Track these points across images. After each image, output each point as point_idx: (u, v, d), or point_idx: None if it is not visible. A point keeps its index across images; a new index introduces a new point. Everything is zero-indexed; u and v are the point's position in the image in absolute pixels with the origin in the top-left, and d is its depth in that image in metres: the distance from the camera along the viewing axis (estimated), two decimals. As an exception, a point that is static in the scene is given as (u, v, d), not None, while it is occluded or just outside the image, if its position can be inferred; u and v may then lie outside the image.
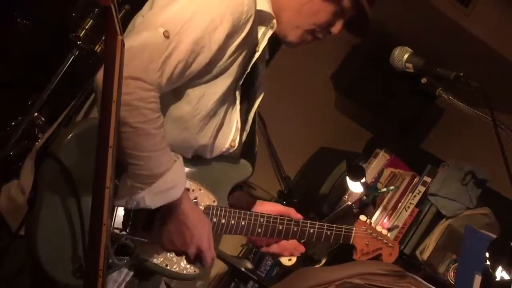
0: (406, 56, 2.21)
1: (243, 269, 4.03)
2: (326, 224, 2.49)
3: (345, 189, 4.38)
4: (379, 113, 4.79)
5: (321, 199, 4.60)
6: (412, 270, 4.12)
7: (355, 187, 4.05)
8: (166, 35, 1.96)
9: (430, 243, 4.10)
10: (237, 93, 2.26)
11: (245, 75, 2.23)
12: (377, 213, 4.27)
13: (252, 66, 2.24)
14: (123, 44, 1.46)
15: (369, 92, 4.67)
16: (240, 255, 4.40)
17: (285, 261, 2.74)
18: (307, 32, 2.27)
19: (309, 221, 2.47)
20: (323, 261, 3.77)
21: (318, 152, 5.10)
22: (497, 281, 1.90)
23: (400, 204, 4.26)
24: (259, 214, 2.38)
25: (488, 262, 1.95)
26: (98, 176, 1.47)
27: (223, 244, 2.95)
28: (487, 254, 1.98)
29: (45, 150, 2.06)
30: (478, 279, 2.25)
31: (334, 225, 2.50)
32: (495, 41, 3.95)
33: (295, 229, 2.43)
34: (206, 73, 2.12)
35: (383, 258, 2.55)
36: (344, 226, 2.52)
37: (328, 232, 2.48)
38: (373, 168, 4.46)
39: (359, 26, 2.31)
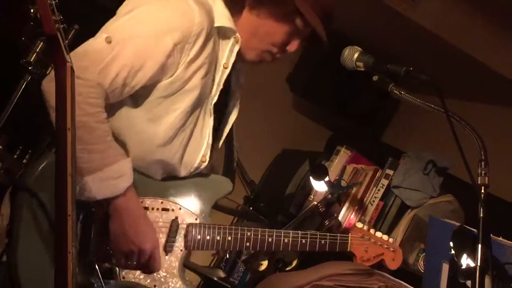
0: (356, 55, 2.23)
1: (215, 279, 4.03)
2: (318, 233, 2.47)
3: (310, 189, 4.41)
4: (337, 111, 4.83)
5: (287, 201, 4.61)
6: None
7: (319, 186, 4.07)
8: (108, 41, 2.02)
9: (398, 234, 4.15)
10: (210, 109, 2.29)
11: (214, 91, 2.26)
12: (343, 210, 4.30)
13: (224, 83, 2.27)
14: (72, 71, 1.47)
15: (325, 91, 4.70)
16: (212, 264, 4.39)
17: (257, 265, 2.74)
18: (264, 52, 2.32)
19: (300, 232, 2.45)
20: (294, 263, 3.78)
21: (280, 154, 5.12)
22: (463, 268, 1.93)
23: (365, 199, 4.30)
24: (246, 228, 2.38)
25: (452, 251, 1.98)
26: (59, 206, 1.47)
27: (194, 255, 2.95)
28: (451, 243, 2.01)
29: (19, 183, 2.09)
30: (445, 267, 2.27)
31: (328, 233, 2.48)
32: (443, 31, 4.01)
33: (286, 240, 2.41)
34: (163, 88, 2.15)
35: (387, 264, 2.50)
36: (338, 234, 2.51)
37: (322, 241, 2.47)
38: (335, 165, 4.49)
39: (314, 39, 2.35)
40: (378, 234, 2.58)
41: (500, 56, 4.06)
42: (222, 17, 2.24)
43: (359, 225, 2.57)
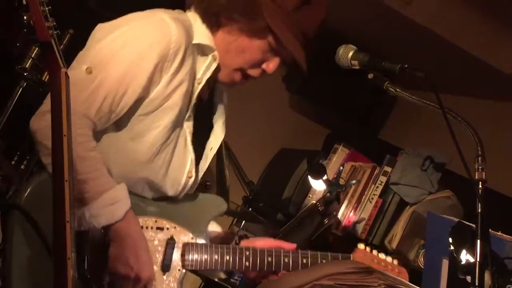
0: (350, 54, 2.22)
1: (216, 280, 4.03)
2: (319, 252, 2.42)
3: (308, 188, 4.41)
4: (334, 109, 4.83)
5: (286, 200, 4.62)
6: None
7: (318, 185, 4.07)
8: (89, 71, 2.01)
9: (398, 231, 4.15)
10: (186, 125, 2.27)
11: (191, 107, 2.24)
12: (343, 208, 4.31)
13: (199, 97, 2.26)
14: (67, 77, 1.47)
15: (321, 90, 4.70)
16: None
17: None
18: (235, 71, 2.28)
19: (300, 251, 2.41)
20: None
21: (278, 154, 5.12)
22: (463, 264, 1.93)
23: (364, 197, 4.31)
24: (244, 247, 2.35)
25: (451, 247, 1.98)
26: (57, 213, 1.47)
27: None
28: (450, 239, 2.01)
29: (10, 202, 2.08)
30: (445, 263, 2.27)
31: (329, 253, 2.43)
32: (438, 27, 4.02)
33: (286, 260, 2.37)
34: (144, 106, 2.15)
35: None
36: (340, 254, 2.45)
37: (324, 261, 2.41)
38: (333, 164, 4.50)
39: (294, 62, 2.29)
40: (382, 255, 2.51)
41: (496, 50, 4.07)
42: (201, 35, 2.22)
43: (361, 246, 2.50)
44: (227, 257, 2.31)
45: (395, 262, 2.53)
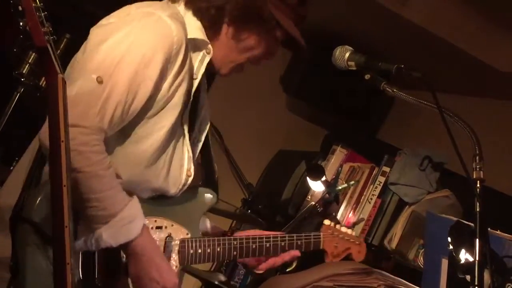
0: (347, 55, 2.23)
1: (217, 283, 4.03)
2: (295, 235, 2.52)
3: (307, 189, 4.41)
4: (331, 110, 4.83)
5: (285, 202, 4.62)
6: (382, 260, 4.19)
7: (316, 186, 4.08)
8: (100, 81, 1.98)
9: (397, 231, 4.15)
10: (185, 124, 2.27)
11: (189, 104, 2.25)
12: (342, 208, 4.31)
13: (194, 94, 2.25)
14: (64, 82, 1.47)
15: (318, 91, 4.70)
16: (212, 269, 4.39)
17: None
18: (240, 65, 2.32)
19: (279, 235, 2.49)
20: (294, 263, 3.79)
21: (276, 155, 5.12)
22: (462, 263, 1.94)
23: (362, 197, 4.31)
24: (232, 237, 2.41)
25: (451, 247, 1.98)
26: (56, 218, 1.47)
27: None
28: (449, 239, 2.02)
29: (18, 215, 2.05)
30: (445, 263, 2.28)
31: (303, 234, 2.53)
32: (434, 26, 4.02)
33: (267, 245, 2.45)
34: (149, 109, 2.13)
35: (353, 256, 2.60)
36: (312, 234, 2.56)
37: (299, 242, 2.51)
38: (332, 164, 4.50)
39: (293, 46, 2.36)
40: (344, 229, 2.64)
41: (493, 49, 4.07)
42: (195, 29, 2.21)
43: (327, 222, 2.62)
44: (218, 249, 2.35)
45: (354, 233, 2.68)
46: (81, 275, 2.05)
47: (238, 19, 2.24)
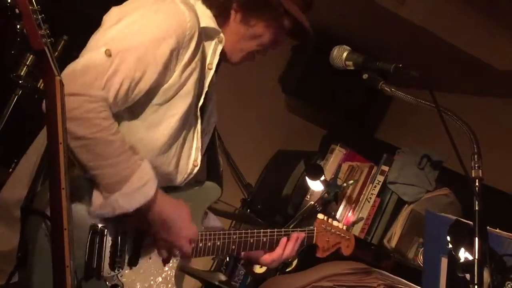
0: (344, 54, 2.23)
1: (217, 283, 4.03)
2: (291, 229, 2.54)
3: (306, 189, 4.42)
4: (330, 109, 4.84)
5: (284, 202, 4.63)
6: (382, 259, 4.19)
7: (316, 185, 4.09)
8: (108, 54, 1.97)
9: (396, 230, 4.16)
10: (198, 113, 2.28)
11: (203, 94, 2.25)
12: (341, 208, 4.31)
13: (209, 84, 2.27)
14: (62, 84, 1.47)
15: (317, 90, 4.71)
16: (212, 268, 4.39)
17: (257, 268, 2.76)
18: (250, 53, 2.34)
19: (276, 230, 2.51)
20: (294, 263, 3.79)
21: (275, 155, 5.13)
22: (462, 262, 1.94)
23: (362, 196, 4.31)
24: (232, 231, 2.41)
25: (450, 245, 1.98)
26: (55, 220, 1.47)
27: (194, 261, 2.96)
28: (448, 237, 2.02)
29: (29, 207, 2.03)
30: (444, 261, 2.28)
31: (298, 229, 2.55)
32: (432, 26, 4.02)
33: (264, 239, 2.47)
34: (159, 95, 2.14)
35: (343, 251, 2.63)
36: (306, 228, 2.58)
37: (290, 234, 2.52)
38: (331, 164, 4.50)
39: (299, 34, 2.38)
40: (335, 223, 2.66)
41: (491, 48, 4.07)
42: (206, 18, 2.22)
43: (321, 216, 2.63)
44: (218, 243, 2.36)
45: (345, 227, 2.70)
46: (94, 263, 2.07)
47: (246, 6, 2.26)
